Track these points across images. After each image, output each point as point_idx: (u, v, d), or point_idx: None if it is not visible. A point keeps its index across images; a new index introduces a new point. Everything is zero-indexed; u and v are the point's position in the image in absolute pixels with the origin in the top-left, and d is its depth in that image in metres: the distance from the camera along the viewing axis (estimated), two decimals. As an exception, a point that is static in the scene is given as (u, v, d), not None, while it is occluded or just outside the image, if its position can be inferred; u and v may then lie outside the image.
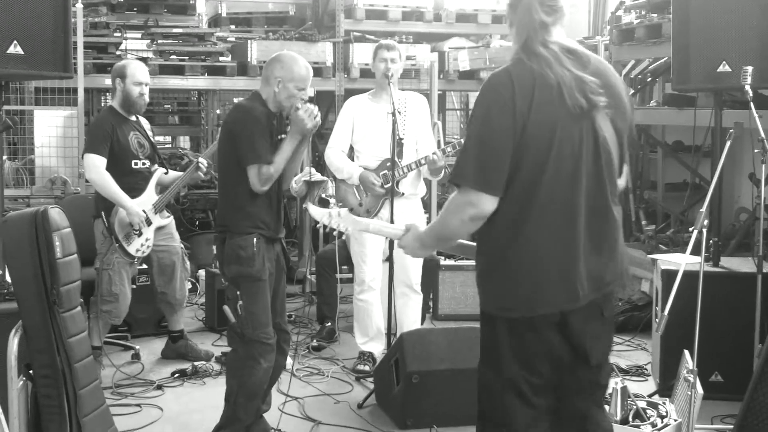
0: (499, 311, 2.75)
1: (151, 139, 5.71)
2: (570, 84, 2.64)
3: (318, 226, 4.84)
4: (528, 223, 2.65)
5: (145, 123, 5.77)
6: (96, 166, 5.32)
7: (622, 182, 2.91)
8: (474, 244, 2.87)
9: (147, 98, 5.61)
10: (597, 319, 2.80)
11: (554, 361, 2.77)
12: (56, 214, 3.61)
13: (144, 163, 5.56)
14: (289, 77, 4.28)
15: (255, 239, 4.24)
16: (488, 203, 2.64)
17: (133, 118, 5.61)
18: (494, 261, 2.75)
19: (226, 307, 4.35)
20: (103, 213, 5.38)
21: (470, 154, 2.67)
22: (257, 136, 4.22)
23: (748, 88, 4.61)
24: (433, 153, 5.38)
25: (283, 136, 4.39)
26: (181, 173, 5.77)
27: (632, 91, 7.68)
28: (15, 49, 4.64)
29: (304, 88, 4.33)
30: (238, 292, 4.29)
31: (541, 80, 2.64)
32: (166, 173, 5.70)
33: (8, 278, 3.94)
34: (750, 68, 4.65)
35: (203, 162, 5.71)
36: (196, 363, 5.63)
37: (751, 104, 4.58)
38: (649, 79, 8.06)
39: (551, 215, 2.66)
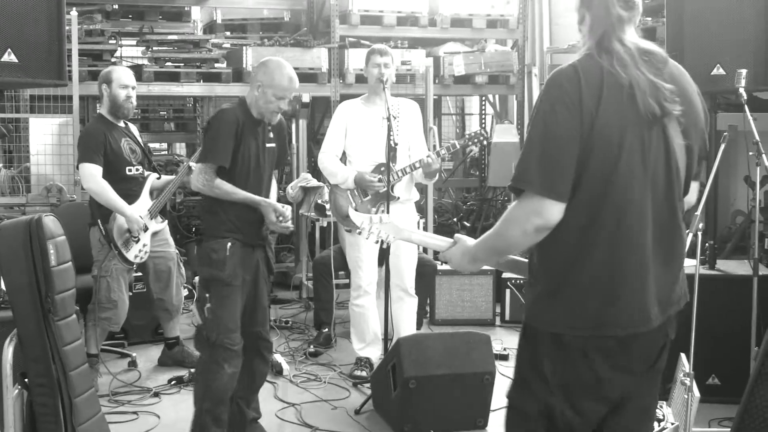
0: (565, 329, 2.48)
1: (141, 144, 5.71)
2: (644, 88, 2.44)
3: (357, 231, 4.71)
4: (597, 234, 2.43)
5: (133, 128, 5.76)
6: (93, 175, 5.30)
7: (692, 198, 2.71)
8: (524, 260, 2.67)
9: (134, 101, 5.58)
10: (662, 346, 2.60)
11: (601, 398, 2.54)
12: (51, 222, 3.61)
13: (137, 169, 5.54)
14: (269, 83, 4.27)
15: (229, 244, 4.23)
16: (555, 211, 2.39)
17: (122, 124, 5.59)
18: (560, 277, 2.49)
19: (193, 307, 4.34)
20: (99, 220, 5.36)
21: (534, 155, 2.41)
22: (218, 137, 4.24)
23: (742, 90, 4.62)
24: (428, 156, 5.37)
25: (270, 145, 4.43)
26: (174, 177, 5.76)
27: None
28: (9, 57, 4.66)
29: (283, 98, 4.31)
30: (207, 295, 4.28)
31: (611, 78, 2.43)
32: (159, 178, 5.69)
33: (3, 286, 3.93)
34: (744, 71, 4.66)
35: (195, 165, 5.70)
36: (192, 370, 5.61)
37: (746, 107, 4.58)
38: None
39: (621, 226, 2.43)
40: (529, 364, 2.59)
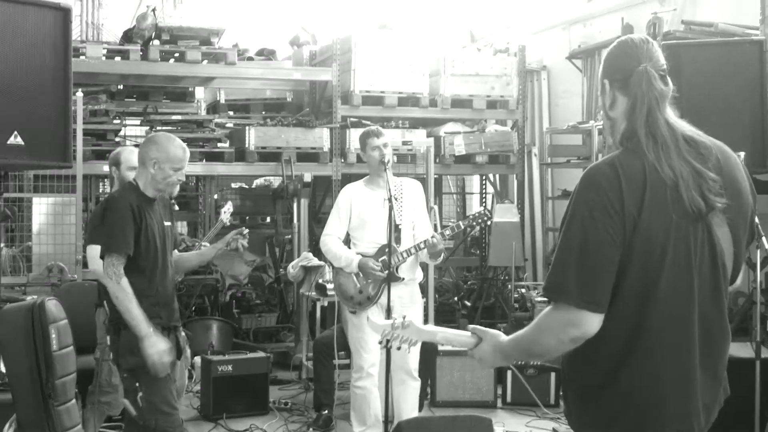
0: None
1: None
2: (688, 180, 2.31)
3: (378, 342, 4.58)
4: (641, 343, 2.32)
5: None
6: (97, 258, 5.30)
7: (738, 282, 2.56)
8: None
9: None
10: None
11: None
12: (53, 306, 3.63)
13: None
14: (165, 158, 4.28)
15: (151, 329, 4.16)
16: (594, 323, 2.28)
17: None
18: (600, 381, 2.39)
19: (125, 401, 4.21)
20: (105, 302, 5.34)
21: (571, 264, 2.30)
22: (116, 225, 4.20)
23: (741, 173, 4.66)
24: (432, 236, 5.38)
25: (168, 223, 4.42)
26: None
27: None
28: (15, 139, 4.68)
29: (180, 168, 4.33)
30: (136, 384, 4.17)
31: (654, 175, 2.30)
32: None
33: (3, 369, 3.92)
34: (742, 154, 4.68)
35: (207, 246, 5.70)
36: (191, 453, 5.55)
37: (745, 190, 4.62)
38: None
39: (667, 334, 2.32)
40: None
